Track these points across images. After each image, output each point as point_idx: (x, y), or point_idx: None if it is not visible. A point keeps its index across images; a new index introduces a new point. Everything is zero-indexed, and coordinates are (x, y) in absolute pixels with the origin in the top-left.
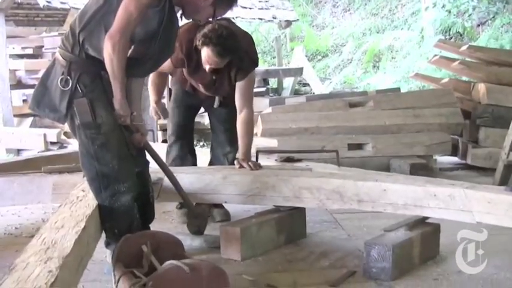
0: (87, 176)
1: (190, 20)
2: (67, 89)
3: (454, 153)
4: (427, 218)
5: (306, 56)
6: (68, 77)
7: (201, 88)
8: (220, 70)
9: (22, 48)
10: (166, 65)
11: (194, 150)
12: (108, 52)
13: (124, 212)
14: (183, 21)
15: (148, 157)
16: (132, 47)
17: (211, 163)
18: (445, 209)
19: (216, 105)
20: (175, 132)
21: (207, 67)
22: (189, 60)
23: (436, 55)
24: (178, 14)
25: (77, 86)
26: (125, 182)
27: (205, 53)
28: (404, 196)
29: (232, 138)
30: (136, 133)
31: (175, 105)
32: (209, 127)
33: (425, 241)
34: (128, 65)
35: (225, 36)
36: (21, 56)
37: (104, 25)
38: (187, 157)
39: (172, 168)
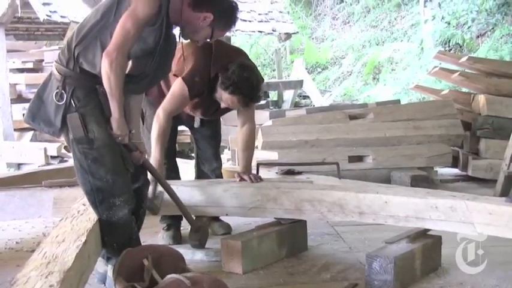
0: (83, 190)
1: (189, 40)
2: (61, 103)
3: (454, 164)
4: (428, 230)
5: (306, 68)
6: (63, 91)
7: (198, 113)
8: None
9: (22, 62)
10: (183, 103)
11: (179, 173)
12: (106, 70)
13: (122, 225)
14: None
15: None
16: (130, 64)
17: (198, 179)
18: (446, 220)
19: (196, 125)
20: None
21: (222, 104)
22: (204, 94)
23: (435, 67)
24: (177, 33)
25: (71, 100)
26: (120, 196)
27: (229, 98)
28: (406, 208)
29: (218, 153)
30: (135, 151)
31: None
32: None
33: (427, 253)
34: (124, 82)
35: (255, 86)
36: (21, 70)
37: (99, 40)
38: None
39: (172, 181)
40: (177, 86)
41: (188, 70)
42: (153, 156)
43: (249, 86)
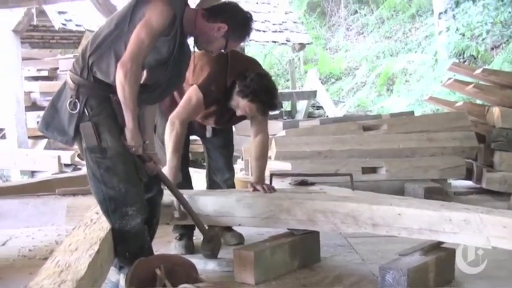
0: (96, 199)
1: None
2: (75, 112)
3: (468, 177)
4: (442, 242)
5: (320, 78)
6: (76, 100)
7: (210, 122)
8: None
9: (37, 70)
10: (198, 110)
11: (191, 183)
12: (120, 80)
13: (134, 235)
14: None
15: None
16: (144, 73)
17: (210, 189)
18: (460, 233)
19: (208, 135)
20: None
21: (238, 112)
22: (220, 101)
23: (450, 78)
24: (191, 43)
25: (85, 109)
26: (132, 205)
27: (247, 106)
28: (419, 220)
29: (230, 163)
30: (149, 162)
31: None
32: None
33: (440, 266)
34: (138, 92)
35: (273, 94)
36: (36, 78)
37: (113, 50)
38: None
39: (186, 191)
40: (192, 93)
41: (204, 78)
42: (170, 163)
43: (268, 94)
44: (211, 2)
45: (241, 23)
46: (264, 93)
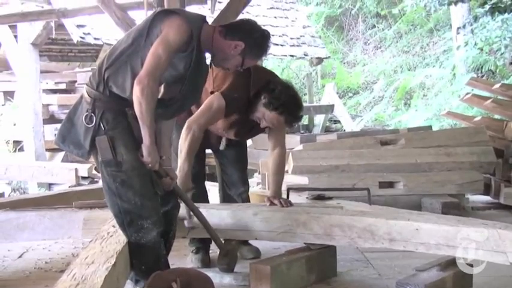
0: (112, 212)
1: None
2: (91, 125)
3: (486, 192)
4: None
5: (337, 93)
6: (92, 114)
7: (231, 133)
8: None
9: (55, 83)
10: (217, 117)
11: (207, 196)
12: (137, 96)
13: (150, 248)
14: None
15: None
16: (161, 89)
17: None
18: (477, 249)
19: (222, 147)
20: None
21: (263, 124)
22: (241, 112)
23: (468, 93)
24: (208, 60)
25: (100, 123)
26: (148, 218)
27: (276, 118)
28: (437, 236)
29: (245, 176)
30: (165, 177)
31: None
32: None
33: (457, 282)
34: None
35: (300, 105)
36: (54, 91)
37: (130, 65)
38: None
39: (202, 205)
40: (214, 99)
41: (227, 86)
42: (181, 169)
43: (296, 105)
44: (229, 18)
45: (258, 41)
46: (293, 105)
